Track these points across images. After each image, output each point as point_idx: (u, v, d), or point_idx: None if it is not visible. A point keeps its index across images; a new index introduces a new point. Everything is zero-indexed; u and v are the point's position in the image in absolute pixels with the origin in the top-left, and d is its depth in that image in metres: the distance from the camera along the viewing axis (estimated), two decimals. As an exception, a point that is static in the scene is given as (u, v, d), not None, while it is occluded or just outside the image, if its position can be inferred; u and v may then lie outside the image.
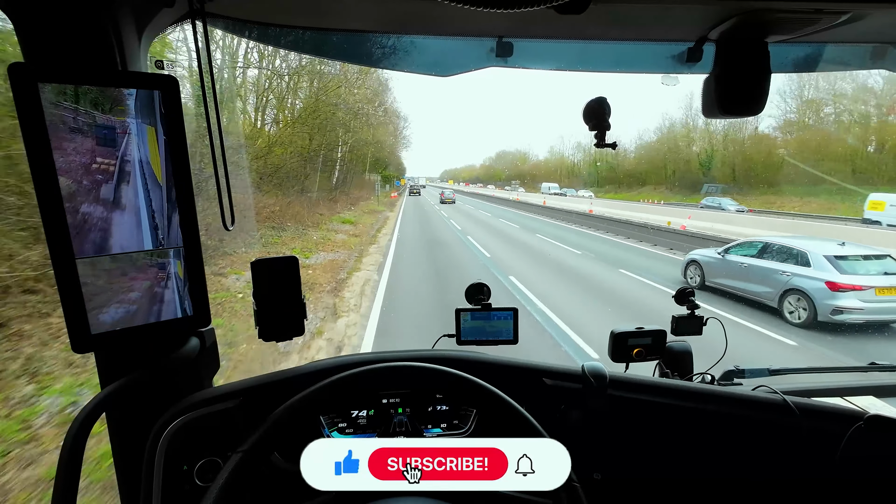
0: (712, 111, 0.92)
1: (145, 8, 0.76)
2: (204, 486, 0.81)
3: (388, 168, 50.13)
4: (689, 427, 0.96)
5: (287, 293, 0.89)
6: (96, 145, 0.66)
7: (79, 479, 0.64)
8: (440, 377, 0.77)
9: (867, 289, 5.76)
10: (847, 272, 5.99)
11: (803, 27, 0.83)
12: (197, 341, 0.87)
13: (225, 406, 0.84)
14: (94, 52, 0.70)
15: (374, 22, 0.95)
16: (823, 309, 5.88)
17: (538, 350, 4.93)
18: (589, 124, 0.96)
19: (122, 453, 0.86)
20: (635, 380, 0.98)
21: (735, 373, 1.26)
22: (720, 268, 7.77)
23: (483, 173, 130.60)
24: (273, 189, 13.44)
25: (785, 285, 6.42)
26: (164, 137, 0.72)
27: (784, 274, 6.50)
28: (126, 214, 0.70)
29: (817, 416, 0.94)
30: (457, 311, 1.13)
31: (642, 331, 1.18)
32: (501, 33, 0.96)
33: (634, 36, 0.97)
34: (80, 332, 0.68)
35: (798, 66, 1.08)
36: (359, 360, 0.95)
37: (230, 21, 0.90)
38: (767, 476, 0.96)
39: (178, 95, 0.72)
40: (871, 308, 5.71)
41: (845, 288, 5.80)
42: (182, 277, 0.77)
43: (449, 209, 30.65)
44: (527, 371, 0.97)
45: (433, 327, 3.56)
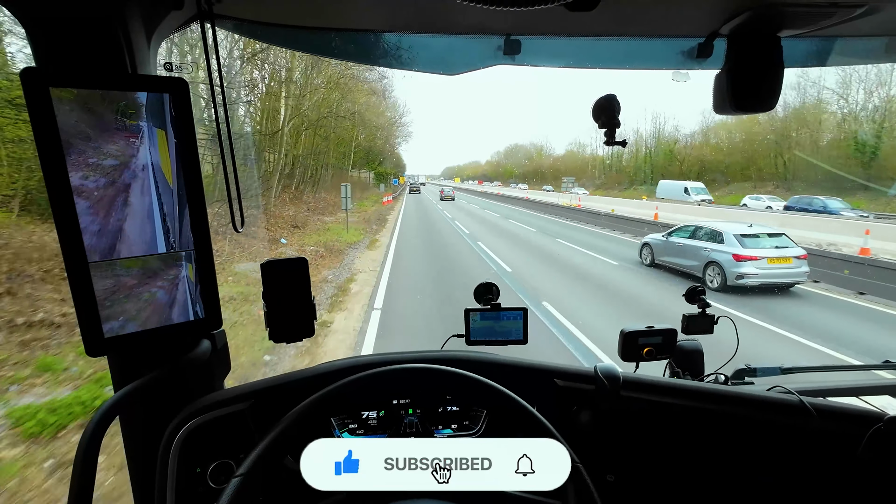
0: (724, 107, 0.90)
1: (154, 11, 0.76)
2: (217, 488, 0.81)
3: (384, 163, 42.84)
4: (703, 428, 0.95)
5: (297, 295, 0.89)
6: (108, 149, 0.66)
7: (94, 482, 0.64)
8: (452, 379, 0.76)
9: (762, 259, 7.58)
10: (748, 246, 7.75)
11: (818, 21, 0.81)
12: (208, 343, 0.87)
13: (237, 408, 0.85)
14: (104, 56, 0.70)
15: (382, 21, 0.94)
16: (730, 276, 7.66)
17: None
18: (598, 122, 0.95)
19: (136, 456, 0.86)
20: (648, 380, 0.97)
21: (746, 371, 1.24)
22: (664, 248, 9.40)
23: (490, 170, 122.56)
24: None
25: (706, 259, 8.21)
26: (175, 140, 0.72)
27: (705, 250, 8.29)
28: (138, 218, 0.70)
29: (835, 417, 0.92)
30: (466, 311, 1.12)
31: (652, 330, 1.17)
32: (509, 31, 0.95)
33: (644, 31, 0.96)
34: (94, 335, 0.69)
35: (811, 61, 1.06)
36: (369, 361, 0.95)
37: (238, 22, 0.90)
38: (783, 479, 0.95)
39: (188, 98, 0.72)
40: (765, 273, 7.57)
41: (745, 258, 7.60)
42: (193, 280, 0.77)
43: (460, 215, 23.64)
44: (538, 372, 0.97)
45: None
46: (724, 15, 0.83)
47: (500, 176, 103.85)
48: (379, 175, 40.64)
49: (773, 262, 7.61)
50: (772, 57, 0.87)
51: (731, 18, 0.83)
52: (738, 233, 7.99)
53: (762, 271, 7.54)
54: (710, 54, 0.95)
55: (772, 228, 8.59)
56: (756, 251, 7.68)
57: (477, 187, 78.55)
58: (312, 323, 0.91)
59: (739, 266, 7.58)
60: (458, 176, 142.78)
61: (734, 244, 7.83)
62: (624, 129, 9.79)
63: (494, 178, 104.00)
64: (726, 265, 7.74)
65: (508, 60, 1.02)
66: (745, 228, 8.23)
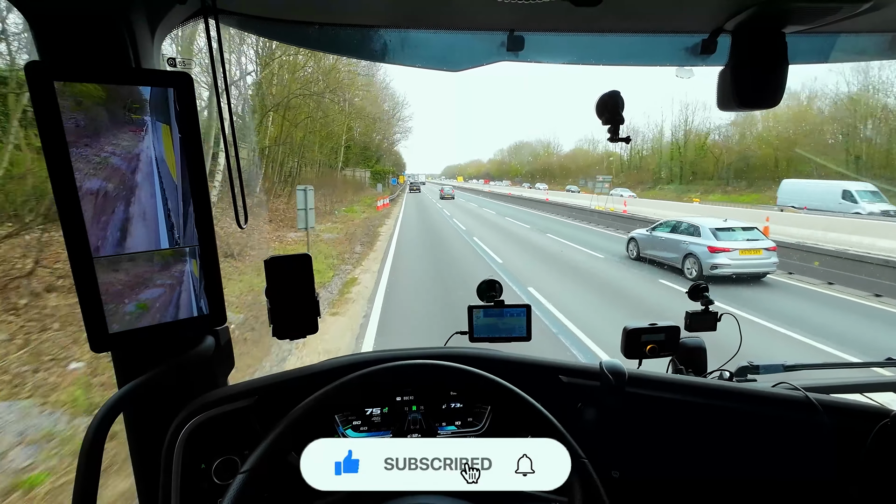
0: (728, 104, 0.90)
1: (158, 6, 0.76)
2: (222, 484, 0.81)
3: (382, 161, 39.07)
4: (708, 425, 0.95)
5: (300, 291, 0.89)
6: (113, 144, 0.66)
7: (98, 478, 0.64)
8: (457, 375, 0.76)
9: (734, 250, 8.31)
10: (722, 239, 8.49)
11: (822, 17, 0.81)
12: (212, 340, 0.87)
13: (241, 404, 0.84)
14: (108, 50, 0.70)
15: (385, 17, 0.94)
16: (706, 266, 8.37)
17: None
18: (602, 118, 0.94)
19: (140, 452, 0.86)
20: (653, 377, 0.97)
21: (749, 369, 1.24)
22: (649, 242, 10.01)
23: (494, 169, 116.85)
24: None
25: (685, 251, 8.90)
26: (179, 135, 0.71)
27: (684, 243, 8.98)
28: (142, 213, 0.70)
29: (841, 413, 0.93)
30: (469, 308, 1.12)
31: (655, 327, 1.17)
32: (513, 26, 0.95)
33: (649, 28, 0.96)
34: (98, 331, 0.69)
35: (815, 57, 1.06)
36: (373, 358, 0.94)
37: (242, 17, 0.89)
38: (790, 474, 0.95)
39: (192, 92, 0.72)
40: (736, 264, 8.30)
41: (719, 250, 8.33)
42: (197, 276, 0.77)
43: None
44: (543, 368, 0.96)
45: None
46: (729, 11, 0.83)
47: (504, 175, 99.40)
48: (376, 174, 36.99)
49: (744, 254, 8.37)
50: (776, 53, 0.87)
51: (735, 15, 0.83)
52: (713, 226, 8.80)
53: (734, 262, 8.29)
54: (714, 51, 0.95)
55: (744, 222, 9.27)
56: (729, 243, 8.41)
57: (483, 187, 70.26)
58: (316, 319, 0.91)
59: (714, 257, 8.33)
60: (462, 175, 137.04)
61: (709, 237, 8.59)
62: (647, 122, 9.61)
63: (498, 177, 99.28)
64: (702, 256, 8.48)
65: (511, 57, 1.02)
66: (720, 223, 9.07)
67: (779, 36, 0.86)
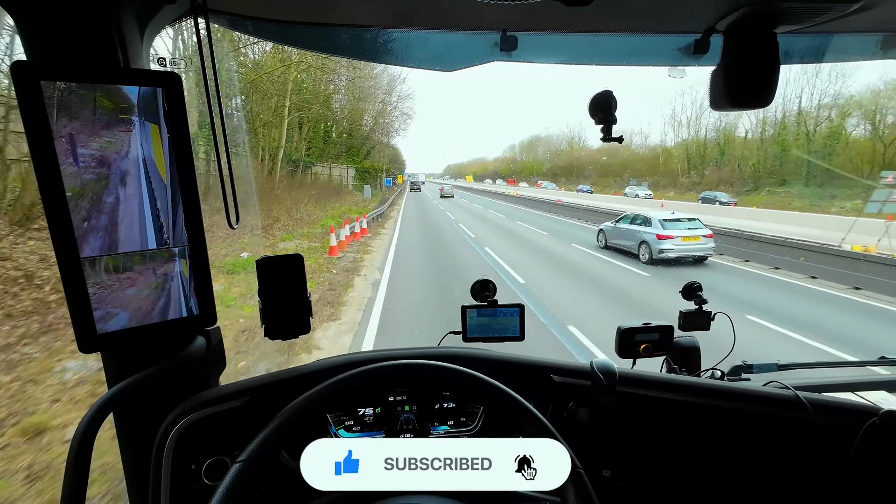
0: (720, 103, 0.90)
1: (147, 4, 0.75)
2: (212, 485, 0.81)
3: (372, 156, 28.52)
4: (700, 423, 0.95)
5: (293, 291, 0.88)
6: (100, 144, 0.66)
7: (87, 479, 0.64)
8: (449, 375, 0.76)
9: (677, 237, 10.05)
10: (668, 228, 10.21)
11: (814, 17, 0.81)
12: (203, 340, 0.87)
13: (232, 405, 0.84)
14: (97, 50, 0.69)
15: (377, 17, 0.94)
16: (654, 251, 10.07)
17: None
18: (595, 118, 0.94)
19: (130, 452, 0.86)
20: (645, 376, 0.97)
21: (743, 368, 1.24)
22: (613, 232, 11.84)
23: (502, 167, 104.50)
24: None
25: (639, 239, 10.62)
26: (168, 135, 0.71)
27: (639, 232, 10.71)
28: (131, 213, 0.69)
29: (830, 411, 0.93)
30: (462, 307, 1.12)
31: (649, 326, 1.17)
32: (506, 26, 0.95)
33: (641, 28, 0.96)
34: (87, 331, 0.68)
35: (807, 57, 1.07)
36: (366, 358, 0.94)
37: (232, 17, 0.89)
38: (780, 472, 0.95)
39: (181, 92, 0.71)
40: (679, 249, 10.04)
41: (665, 237, 10.04)
42: (187, 276, 0.77)
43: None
44: (535, 368, 0.96)
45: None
46: (721, 11, 0.83)
47: (516, 173, 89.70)
48: (363, 172, 25.89)
49: (685, 240, 10.11)
50: (768, 53, 0.87)
51: (727, 15, 0.83)
52: (662, 218, 10.53)
53: (677, 247, 10.03)
54: (706, 51, 0.95)
55: (688, 214, 11.06)
56: (673, 231, 10.11)
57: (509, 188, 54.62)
58: (308, 320, 0.91)
59: (661, 243, 10.00)
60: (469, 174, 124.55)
61: (658, 227, 10.30)
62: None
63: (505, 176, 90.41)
64: (652, 243, 10.16)
65: (505, 56, 1.02)
66: (668, 214, 10.83)
67: (770, 36, 0.86)
